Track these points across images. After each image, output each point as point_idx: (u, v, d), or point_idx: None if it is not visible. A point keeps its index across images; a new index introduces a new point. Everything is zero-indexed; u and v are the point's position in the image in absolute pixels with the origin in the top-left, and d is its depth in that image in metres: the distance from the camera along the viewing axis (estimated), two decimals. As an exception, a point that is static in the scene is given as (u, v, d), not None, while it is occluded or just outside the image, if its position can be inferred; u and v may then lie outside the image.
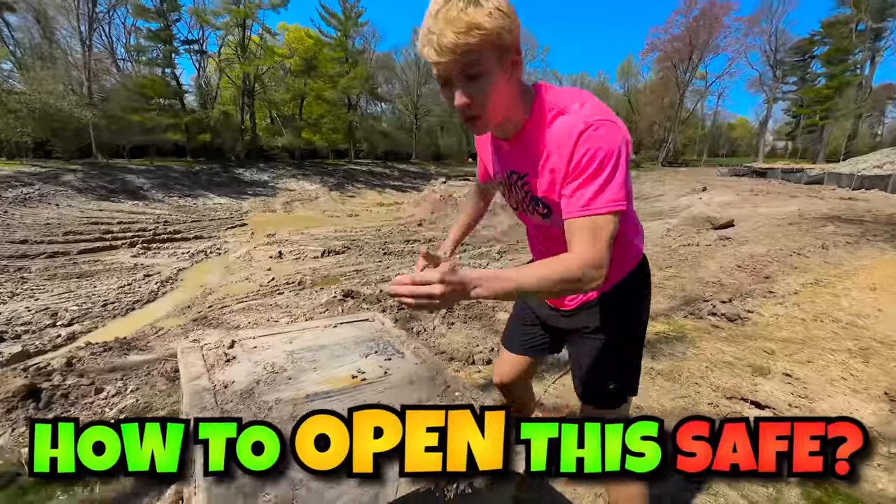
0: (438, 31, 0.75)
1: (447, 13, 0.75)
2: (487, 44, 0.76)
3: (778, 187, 19.87)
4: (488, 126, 0.89)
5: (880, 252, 6.41)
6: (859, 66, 42.74)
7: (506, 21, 0.77)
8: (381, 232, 11.55)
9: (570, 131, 0.83)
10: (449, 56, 0.76)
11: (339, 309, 3.48)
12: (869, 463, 1.93)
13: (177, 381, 2.29)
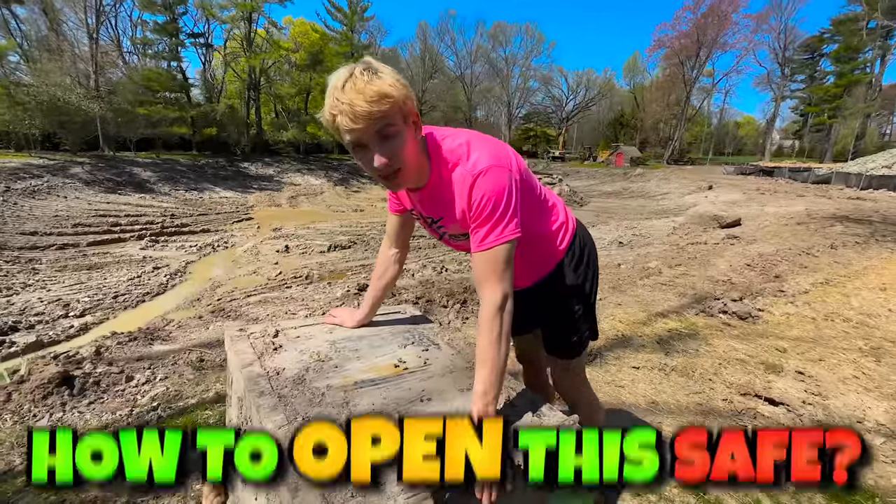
0: (349, 101, 0.84)
1: (354, 85, 0.85)
2: (396, 108, 0.88)
3: (785, 186, 19.79)
4: (407, 180, 1.01)
5: (890, 253, 6.40)
6: (869, 65, 42.29)
7: (405, 89, 0.90)
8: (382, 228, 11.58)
9: (464, 183, 0.98)
10: (364, 122, 0.86)
11: (355, 302, 3.52)
12: (887, 464, 1.97)
13: (203, 371, 2.35)
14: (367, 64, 0.88)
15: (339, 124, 0.88)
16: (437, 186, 1.04)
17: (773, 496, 1.72)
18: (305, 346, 1.17)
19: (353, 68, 0.87)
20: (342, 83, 0.86)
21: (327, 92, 0.88)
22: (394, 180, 0.97)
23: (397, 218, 1.31)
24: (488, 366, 0.93)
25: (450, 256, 7.14)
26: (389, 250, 1.35)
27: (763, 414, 2.31)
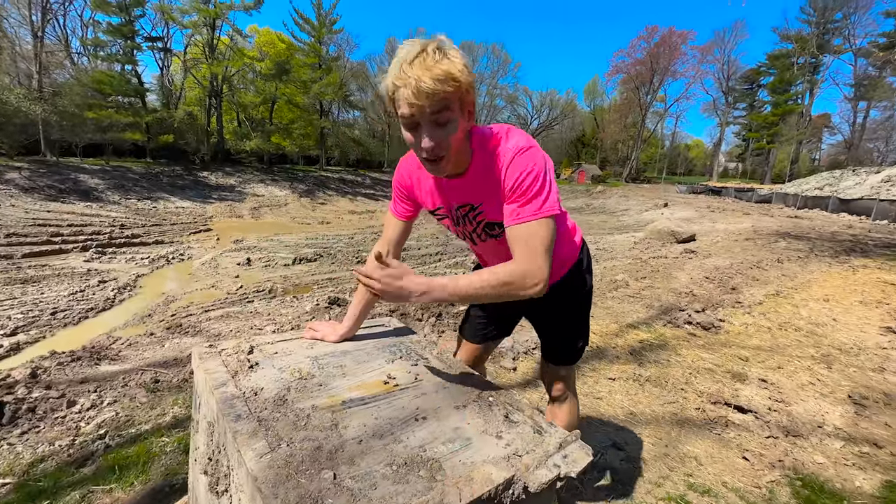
0: (416, 76, 0.84)
1: (424, 61, 0.84)
2: (457, 94, 0.89)
3: (732, 205, 21.18)
4: (448, 166, 1.00)
5: (828, 266, 6.93)
6: (800, 97, 46.60)
7: (471, 77, 0.90)
8: (354, 240, 11.36)
9: (505, 158, 0.98)
10: (425, 100, 0.85)
11: (326, 316, 3.36)
12: (847, 463, 2.06)
13: (158, 393, 2.13)
14: (441, 43, 0.87)
15: (399, 96, 0.87)
16: (479, 170, 1.04)
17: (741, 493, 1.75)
18: (285, 363, 1.07)
19: (426, 44, 0.87)
20: (412, 57, 0.85)
21: (394, 63, 0.88)
22: (437, 164, 0.97)
23: (402, 225, 1.27)
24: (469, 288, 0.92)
25: (417, 270, 7.05)
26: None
27: (734, 422, 2.37)
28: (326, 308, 3.54)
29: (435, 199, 1.18)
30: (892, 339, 3.76)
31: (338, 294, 4.23)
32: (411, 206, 1.26)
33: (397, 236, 1.29)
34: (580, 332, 1.39)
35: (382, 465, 0.76)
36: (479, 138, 1.04)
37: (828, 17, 41.88)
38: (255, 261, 8.03)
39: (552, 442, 0.90)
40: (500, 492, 0.76)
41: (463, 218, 1.16)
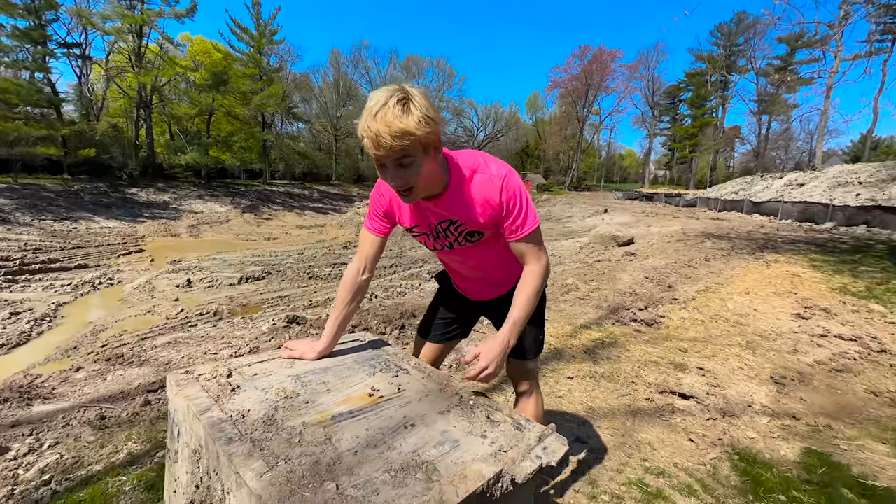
0: (376, 130, 0.96)
1: (384, 116, 0.95)
2: (416, 144, 1.00)
3: (663, 209, 23.01)
4: (419, 196, 1.14)
5: (746, 262, 7.74)
6: (714, 111, 51.78)
7: (431, 126, 0.99)
8: (305, 255, 11.02)
9: (492, 186, 1.17)
10: (385, 151, 0.99)
11: (286, 336, 3.26)
12: (773, 436, 2.34)
13: (107, 430, 1.97)
14: (404, 95, 0.97)
15: (365, 146, 1.01)
16: (457, 190, 1.19)
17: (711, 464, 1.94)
18: (266, 384, 1.07)
19: (389, 96, 0.96)
20: (375, 110, 0.96)
21: (365, 110, 0.99)
22: (407, 195, 1.11)
23: (379, 240, 1.34)
24: (525, 311, 1.22)
25: (374, 283, 7.00)
26: (360, 275, 1.36)
27: (678, 408, 2.61)
28: (285, 327, 3.43)
29: (412, 218, 1.30)
30: (801, 325, 4.29)
31: (295, 312, 4.11)
32: (388, 223, 1.34)
33: (374, 251, 1.36)
34: (541, 325, 1.55)
35: (381, 471, 0.80)
36: (456, 164, 1.18)
37: (732, 40, 47.18)
38: (196, 282, 7.55)
39: (532, 436, 0.99)
40: (492, 485, 0.83)
41: (444, 231, 1.28)
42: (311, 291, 6.82)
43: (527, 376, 1.56)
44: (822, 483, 1.95)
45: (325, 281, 7.87)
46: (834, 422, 2.51)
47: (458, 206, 1.20)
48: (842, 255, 8.93)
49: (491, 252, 1.35)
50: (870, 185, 16.81)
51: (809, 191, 18.76)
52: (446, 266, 1.55)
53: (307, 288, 7.11)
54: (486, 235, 1.28)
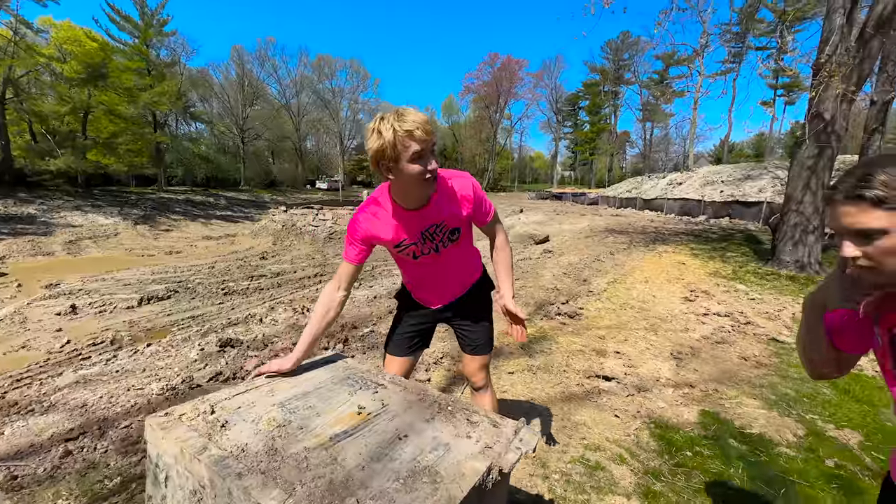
0: (422, 121, 1.21)
1: (415, 114, 1.21)
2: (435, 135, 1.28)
3: (571, 208, 25.14)
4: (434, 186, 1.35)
5: (643, 254, 8.86)
6: (608, 118, 57.71)
7: None
8: (217, 269, 10.15)
9: (466, 183, 1.46)
10: (431, 136, 1.24)
11: (222, 361, 3.04)
12: (677, 403, 2.79)
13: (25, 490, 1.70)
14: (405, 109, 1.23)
15: (415, 136, 1.19)
16: (441, 197, 1.42)
17: (634, 434, 2.27)
18: (254, 415, 1.08)
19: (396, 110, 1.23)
20: (402, 112, 1.21)
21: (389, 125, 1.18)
22: (434, 182, 1.32)
23: (354, 267, 1.48)
24: (511, 277, 1.62)
25: (300, 294, 6.76)
26: (338, 292, 1.48)
27: (603, 389, 2.98)
28: (219, 352, 3.20)
29: (399, 233, 1.45)
30: (689, 306, 5.08)
31: (228, 335, 3.83)
32: (366, 248, 1.48)
33: (351, 273, 1.49)
34: (492, 322, 1.77)
35: (391, 481, 0.88)
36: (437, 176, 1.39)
37: (619, 55, 53.14)
38: (83, 307, 6.57)
39: (509, 431, 1.14)
40: (485, 478, 0.96)
41: (431, 235, 1.47)
42: (228, 308, 6.33)
43: (483, 371, 1.75)
44: (714, 437, 2.40)
45: (243, 296, 7.34)
46: (719, 385, 3.06)
47: (443, 207, 1.43)
48: (713, 243, 10.63)
49: (461, 249, 1.59)
50: (729, 183, 20.10)
51: (686, 189, 21.87)
52: (416, 278, 1.67)
53: (223, 305, 6.57)
54: (462, 232, 1.53)
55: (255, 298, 6.88)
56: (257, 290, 7.53)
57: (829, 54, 6.26)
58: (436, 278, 1.63)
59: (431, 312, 1.72)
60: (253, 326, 4.53)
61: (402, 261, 1.62)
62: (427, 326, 1.76)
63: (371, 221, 1.44)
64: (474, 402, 1.76)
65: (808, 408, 2.77)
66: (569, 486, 1.91)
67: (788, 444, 2.35)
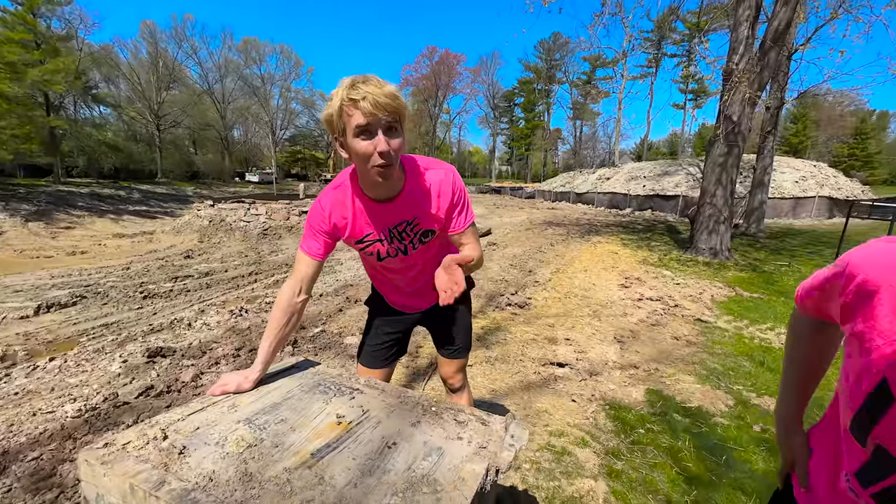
0: (372, 91, 1.01)
1: (372, 81, 1.03)
2: (402, 109, 1.06)
3: (510, 201, 25.92)
4: (394, 174, 1.14)
5: (580, 244, 9.36)
6: (542, 115, 60.12)
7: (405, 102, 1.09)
8: (133, 270, 9.11)
9: (447, 180, 1.27)
10: (380, 111, 1.02)
11: (152, 373, 2.68)
12: (625, 384, 2.96)
13: None
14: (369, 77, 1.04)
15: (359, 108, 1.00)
16: (413, 190, 1.25)
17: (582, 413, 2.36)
18: (218, 436, 0.94)
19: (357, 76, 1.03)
20: (359, 80, 1.02)
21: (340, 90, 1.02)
22: (387, 170, 1.09)
23: (316, 263, 1.28)
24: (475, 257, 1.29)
25: (233, 295, 6.27)
26: (298, 297, 1.28)
27: (559, 376, 3.08)
28: (147, 363, 2.82)
29: (364, 227, 1.29)
30: (625, 293, 5.44)
31: (156, 344, 3.41)
32: (330, 240, 1.30)
33: (312, 273, 1.30)
34: (471, 323, 1.70)
35: (389, 496, 0.81)
36: (409, 165, 1.25)
37: (551, 55, 55.50)
38: (-40, 321, 5.57)
39: (499, 428, 1.10)
40: (485, 480, 0.92)
41: (400, 234, 1.31)
42: (149, 313, 5.70)
43: (462, 372, 1.69)
44: (661, 413, 2.58)
45: (166, 299, 6.65)
46: (659, 365, 3.30)
47: (416, 204, 1.26)
48: (640, 234, 11.52)
49: (435, 251, 1.43)
50: (650, 178, 21.89)
51: (613, 183, 23.46)
52: (385, 282, 1.54)
53: (142, 310, 5.89)
54: (436, 234, 1.35)
55: (181, 301, 6.26)
56: (183, 291, 6.85)
57: (737, 62, 7.00)
58: (409, 282, 1.50)
59: (408, 318, 1.62)
60: (183, 332, 4.10)
61: (367, 262, 1.49)
62: (403, 334, 1.67)
63: (336, 207, 1.26)
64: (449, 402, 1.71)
65: (733, 380, 3.07)
66: (540, 474, 1.94)
67: (722, 414, 2.59)
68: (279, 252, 9.40)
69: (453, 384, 1.68)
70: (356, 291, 5.44)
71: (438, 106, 54.94)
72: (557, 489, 1.83)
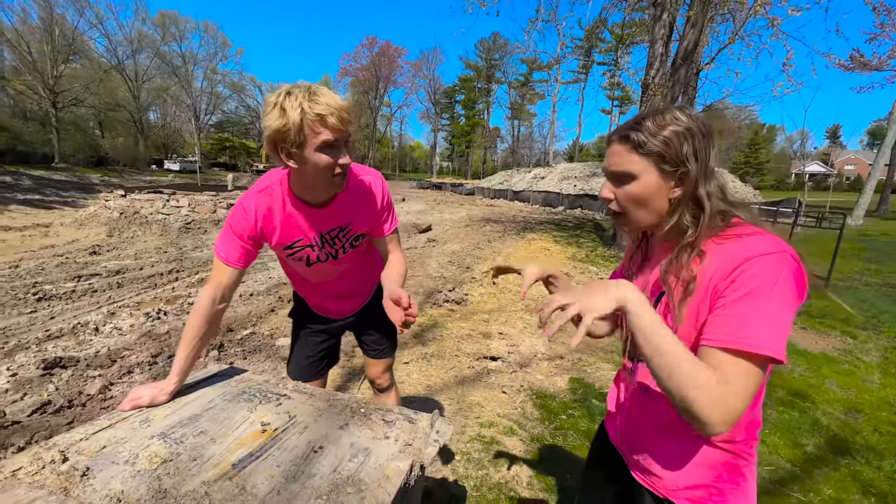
0: (340, 107, 1.04)
1: (329, 95, 1.04)
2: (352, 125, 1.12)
3: (450, 197, 26.24)
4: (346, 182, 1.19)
5: (516, 241, 9.76)
6: (481, 113, 61.35)
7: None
8: (23, 269, 7.99)
9: (377, 185, 1.32)
10: (347, 126, 1.07)
11: (50, 387, 2.37)
12: (552, 374, 3.18)
13: None
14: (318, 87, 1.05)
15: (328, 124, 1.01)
16: (346, 195, 1.26)
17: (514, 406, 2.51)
18: (128, 454, 0.89)
19: (307, 85, 1.03)
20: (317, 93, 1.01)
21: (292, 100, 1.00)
22: (345, 178, 1.15)
23: (237, 272, 1.23)
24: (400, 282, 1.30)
25: (150, 295, 5.76)
26: (217, 305, 1.22)
27: (491, 369, 3.23)
28: (43, 376, 2.50)
29: (294, 232, 1.27)
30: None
31: (54, 353, 3.03)
32: (253, 247, 1.25)
33: (232, 281, 1.24)
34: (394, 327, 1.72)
35: (313, 499, 0.83)
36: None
37: (491, 55, 56.77)
38: None
39: (425, 424, 1.16)
40: (409, 476, 0.96)
41: (332, 239, 1.32)
42: (45, 318, 5.06)
43: (387, 372, 1.72)
44: (581, 399, 2.81)
45: (67, 301, 5.94)
46: (582, 355, 3.58)
47: (349, 209, 1.28)
48: (570, 231, 12.24)
49: (363, 254, 1.47)
50: (581, 178, 23.28)
51: (547, 182, 24.63)
52: (310, 287, 1.52)
53: (36, 314, 5.21)
54: (365, 237, 1.39)
55: (85, 303, 5.62)
56: (88, 292, 6.14)
57: (653, 76, 7.68)
58: (334, 286, 1.49)
59: (336, 325, 1.60)
60: (88, 338, 3.70)
61: (291, 266, 1.44)
62: (333, 342, 1.65)
63: (263, 213, 1.21)
64: (378, 401, 1.73)
65: (644, 365, 3.42)
66: (469, 464, 2.03)
67: (633, 397, 2.88)
68: (204, 248, 8.75)
69: (381, 384, 1.71)
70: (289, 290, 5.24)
71: (379, 98, 53.94)
72: (485, 477, 1.94)
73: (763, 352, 0.63)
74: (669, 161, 0.74)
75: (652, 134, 0.73)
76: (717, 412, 0.63)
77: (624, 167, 0.77)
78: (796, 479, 2.09)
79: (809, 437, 2.44)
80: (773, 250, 0.66)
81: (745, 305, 0.65)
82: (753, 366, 0.64)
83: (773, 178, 61.80)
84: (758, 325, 0.64)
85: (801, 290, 0.67)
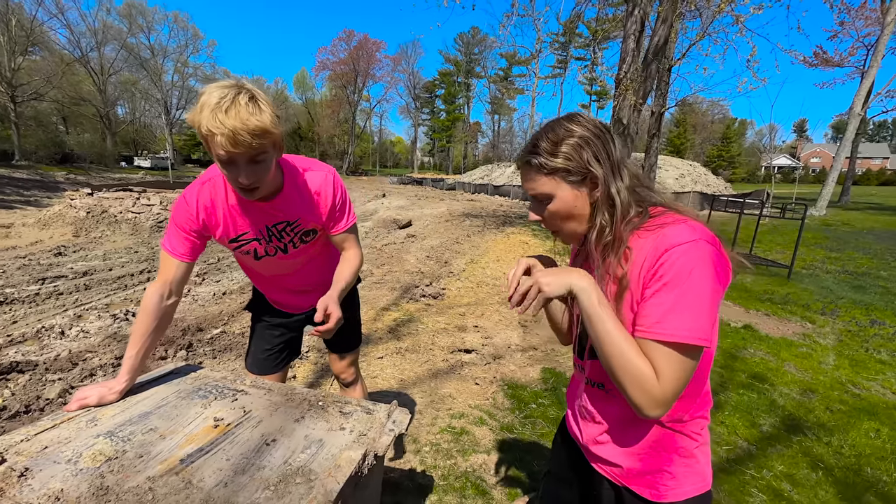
0: (233, 127, 0.93)
1: (239, 114, 0.93)
2: (270, 142, 1.04)
3: (431, 193, 26.18)
4: (263, 193, 1.15)
5: (495, 235, 9.83)
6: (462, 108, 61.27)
7: (280, 125, 1.05)
8: (-19, 271, 7.66)
9: (327, 181, 1.29)
10: (243, 149, 0.97)
11: (6, 392, 2.28)
12: (524, 365, 3.23)
13: None
14: (250, 92, 0.97)
15: (216, 142, 0.94)
16: (293, 188, 1.23)
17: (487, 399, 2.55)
18: (71, 454, 0.88)
19: (237, 93, 0.94)
20: (225, 107, 0.92)
21: (205, 109, 0.93)
22: (253, 192, 1.10)
23: (185, 265, 1.20)
24: (347, 281, 1.31)
25: (119, 296, 5.59)
26: (166, 300, 1.19)
27: (465, 361, 3.26)
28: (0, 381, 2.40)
29: (239, 225, 1.25)
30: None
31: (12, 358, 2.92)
32: (199, 241, 1.23)
33: (180, 275, 1.22)
34: (358, 320, 1.72)
35: (260, 490, 0.83)
36: (289, 166, 1.24)
37: (470, 49, 56.68)
38: None
39: (382, 415, 1.18)
40: (361, 465, 0.98)
41: (280, 233, 1.29)
42: (7, 322, 4.87)
43: (352, 367, 1.72)
44: (552, 388, 2.87)
45: (31, 304, 5.72)
46: (555, 345, 3.65)
47: (295, 204, 1.25)
48: (549, 225, 12.39)
49: (319, 252, 1.45)
50: (559, 173, 23.58)
51: (527, 177, 24.86)
52: (265, 281, 1.50)
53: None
54: (318, 234, 1.36)
55: (50, 306, 5.41)
56: (53, 295, 5.92)
57: (626, 71, 7.82)
58: (290, 281, 1.47)
59: (294, 318, 1.58)
60: (52, 342, 3.57)
61: (244, 261, 1.42)
62: (292, 335, 1.62)
63: (205, 204, 1.19)
64: (344, 395, 1.73)
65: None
66: (438, 455, 2.06)
67: (602, 385, 2.96)
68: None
69: (346, 378, 1.71)
70: (264, 288, 5.16)
71: (358, 93, 53.20)
72: (453, 466, 1.98)
73: (682, 339, 0.66)
74: (575, 172, 0.76)
75: (550, 153, 0.75)
76: (648, 397, 0.68)
77: (538, 190, 0.79)
78: (752, 457, 2.19)
79: (766, 416, 2.56)
80: (687, 239, 0.69)
81: (664, 295, 0.68)
82: (677, 353, 0.68)
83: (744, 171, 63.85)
84: (676, 313, 0.67)
85: (721, 274, 0.71)
